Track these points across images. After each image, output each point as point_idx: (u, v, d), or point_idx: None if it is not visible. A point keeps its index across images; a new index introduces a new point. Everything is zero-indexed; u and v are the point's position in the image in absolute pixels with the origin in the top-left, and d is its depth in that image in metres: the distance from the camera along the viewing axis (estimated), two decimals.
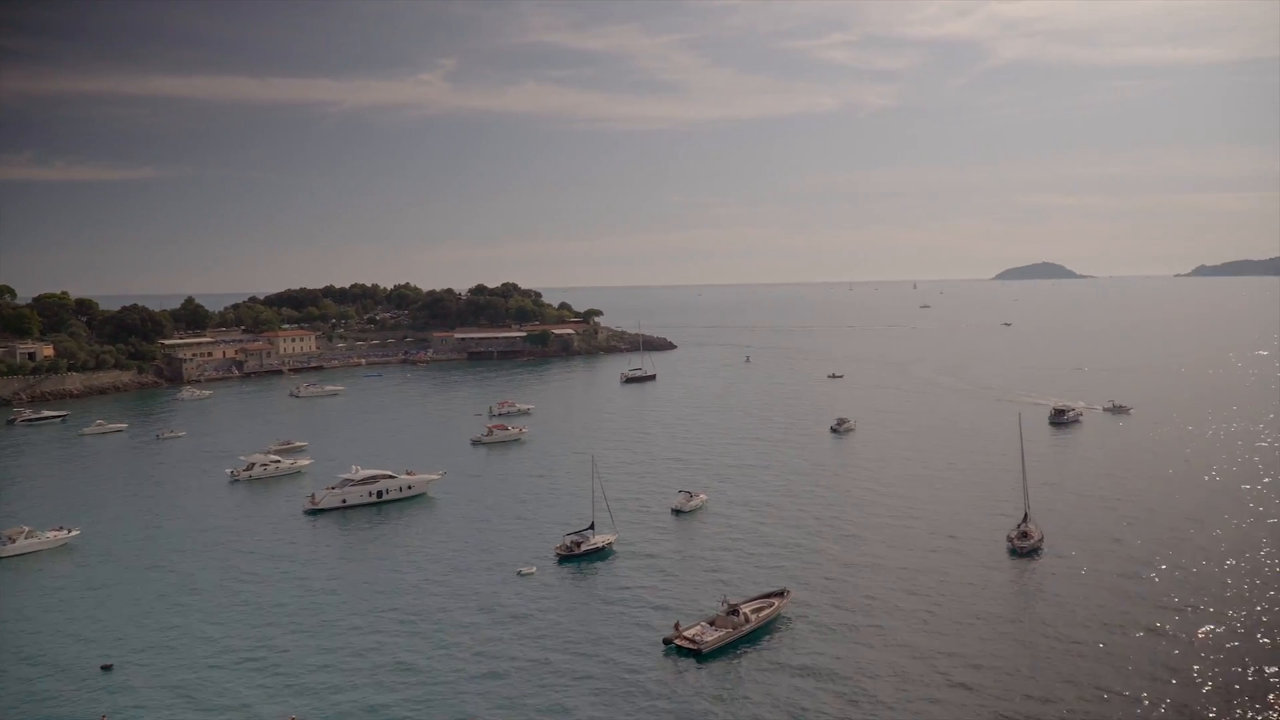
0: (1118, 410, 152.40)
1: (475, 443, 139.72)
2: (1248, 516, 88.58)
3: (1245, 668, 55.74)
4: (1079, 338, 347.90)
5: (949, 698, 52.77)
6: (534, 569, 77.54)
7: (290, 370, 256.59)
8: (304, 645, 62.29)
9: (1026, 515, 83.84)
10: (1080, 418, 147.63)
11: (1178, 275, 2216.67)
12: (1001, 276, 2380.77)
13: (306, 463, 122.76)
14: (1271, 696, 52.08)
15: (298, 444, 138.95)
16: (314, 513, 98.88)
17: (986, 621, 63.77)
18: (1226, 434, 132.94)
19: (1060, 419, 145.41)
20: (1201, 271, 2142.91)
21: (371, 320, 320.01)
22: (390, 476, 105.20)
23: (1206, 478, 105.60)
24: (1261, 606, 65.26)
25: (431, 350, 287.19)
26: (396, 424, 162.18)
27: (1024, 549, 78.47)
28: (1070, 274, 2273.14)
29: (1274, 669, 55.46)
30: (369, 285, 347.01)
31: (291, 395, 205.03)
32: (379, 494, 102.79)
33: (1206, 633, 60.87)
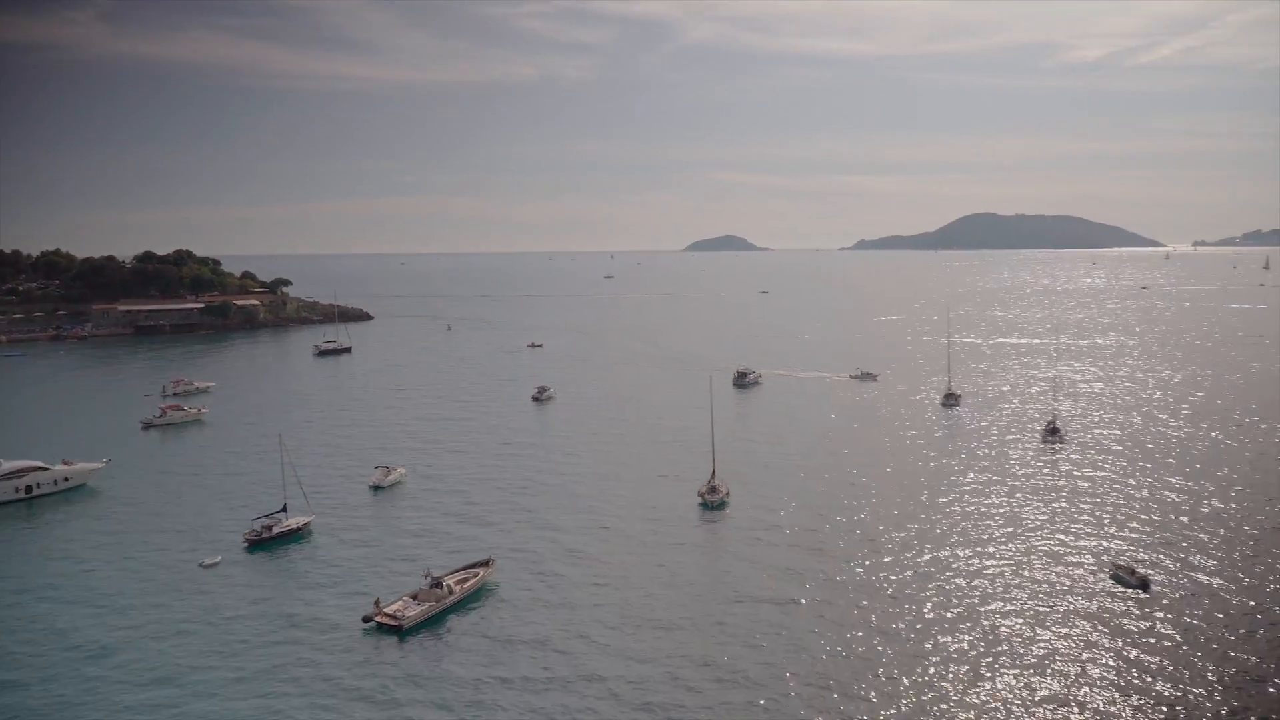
0: (865, 377, 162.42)
1: (146, 426, 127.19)
2: (908, 468, 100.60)
3: (894, 603, 63.41)
4: (763, 306, 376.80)
5: (648, 653, 55.37)
6: (219, 559, 72.00)
7: None
8: None
9: (714, 471, 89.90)
10: (760, 380, 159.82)
11: (842, 249, 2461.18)
12: (691, 248, 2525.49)
13: None
14: (908, 630, 59.58)
15: None
16: None
17: (680, 574, 67.55)
18: (907, 392, 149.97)
19: (743, 381, 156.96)
20: (862, 246, 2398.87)
21: (13, 291, 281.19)
22: (42, 468, 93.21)
23: (878, 434, 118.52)
24: (903, 551, 74.48)
25: (90, 325, 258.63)
26: (48, 409, 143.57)
27: (713, 502, 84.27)
28: (751, 246, 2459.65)
29: (923, 612, 63.52)
30: (8, 251, 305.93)
31: None
32: (28, 489, 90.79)
33: (866, 576, 68.47)
